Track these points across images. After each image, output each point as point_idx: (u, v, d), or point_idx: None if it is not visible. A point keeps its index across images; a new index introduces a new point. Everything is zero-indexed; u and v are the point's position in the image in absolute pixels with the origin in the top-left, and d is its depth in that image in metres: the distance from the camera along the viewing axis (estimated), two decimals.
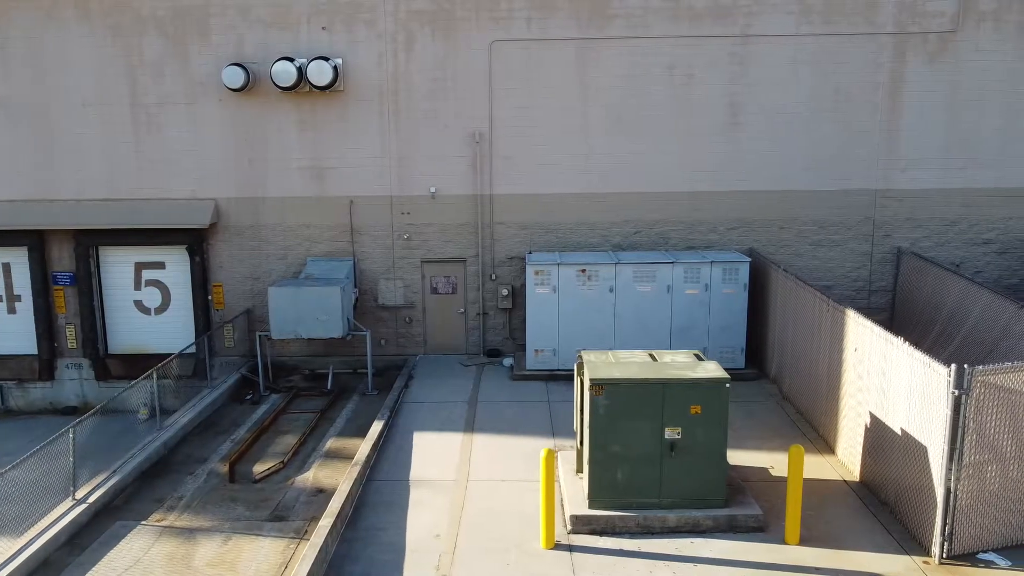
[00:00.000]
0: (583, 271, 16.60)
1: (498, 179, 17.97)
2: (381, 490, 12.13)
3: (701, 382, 10.57)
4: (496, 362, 18.12)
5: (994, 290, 15.56)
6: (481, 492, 12.00)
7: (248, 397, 16.94)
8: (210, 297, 18.52)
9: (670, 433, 10.67)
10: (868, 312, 17.99)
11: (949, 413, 9.59)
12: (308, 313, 16.22)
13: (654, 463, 10.74)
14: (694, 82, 17.52)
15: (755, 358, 17.42)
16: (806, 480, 12.24)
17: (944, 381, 9.64)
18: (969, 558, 9.96)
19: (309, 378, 18.04)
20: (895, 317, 18.05)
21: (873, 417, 11.68)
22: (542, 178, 17.93)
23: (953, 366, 9.54)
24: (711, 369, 10.90)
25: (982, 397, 9.64)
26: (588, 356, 11.79)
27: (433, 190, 18.01)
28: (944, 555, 9.93)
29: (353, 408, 16.18)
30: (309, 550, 9.86)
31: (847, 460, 12.64)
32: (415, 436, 14.13)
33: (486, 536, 10.73)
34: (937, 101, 17.45)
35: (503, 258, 18.29)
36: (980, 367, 9.60)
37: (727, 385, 10.60)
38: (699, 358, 11.62)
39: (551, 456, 10.31)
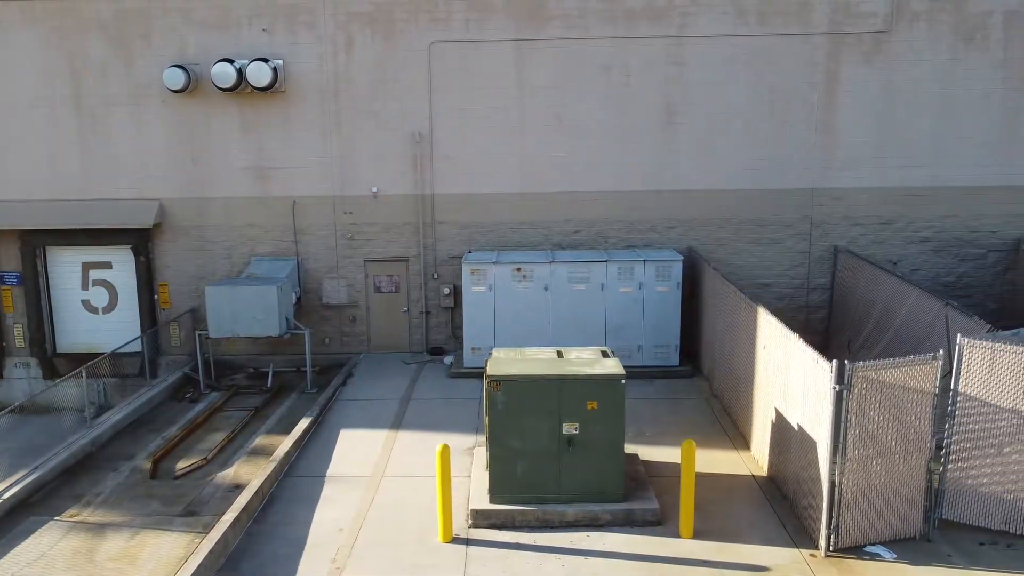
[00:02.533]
0: (518, 270, 16.77)
1: (439, 179, 18.14)
2: (296, 486, 12.30)
3: (597, 378, 10.74)
4: (438, 360, 18.29)
5: (922, 288, 15.73)
6: (394, 487, 12.17)
7: (188, 395, 17.11)
8: (156, 296, 18.71)
9: (568, 428, 10.84)
10: (807, 309, 18.24)
11: (831, 408, 9.76)
12: (245, 312, 16.39)
13: (553, 458, 10.90)
14: (631, 82, 17.68)
15: (691, 355, 17.59)
16: (718, 476, 12.44)
17: (827, 376, 9.81)
18: (856, 551, 10.12)
19: (253, 376, 18.22)
20: (833, 314, 18.21)
21: (778, 413, 11.85)
22: (483, 178, 18.10)
23: (835, 362, 9.71)
24: (610, 366, 11.07)
25: (864, 392, 9.81)
26: (497, 353, 11.97)
27: (375, 190, 18.18)
28: (831, 548, 10.09)
29: (289, 406, 16.36)
30: (206, 543, 10.04)
31: (758, 456, 12.82)
32: (341, 433, 14.31)
33: (389, 530, 10.90)
34: (872, 100, 17.60)
35: (445, 257, 18.46)
36: (861, 363, 9.77)
37: (623, 381, 10.77)
38: (605, 355, 11.79)
39: (446, 451, 10.49)
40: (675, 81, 17.66)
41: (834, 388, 9.69)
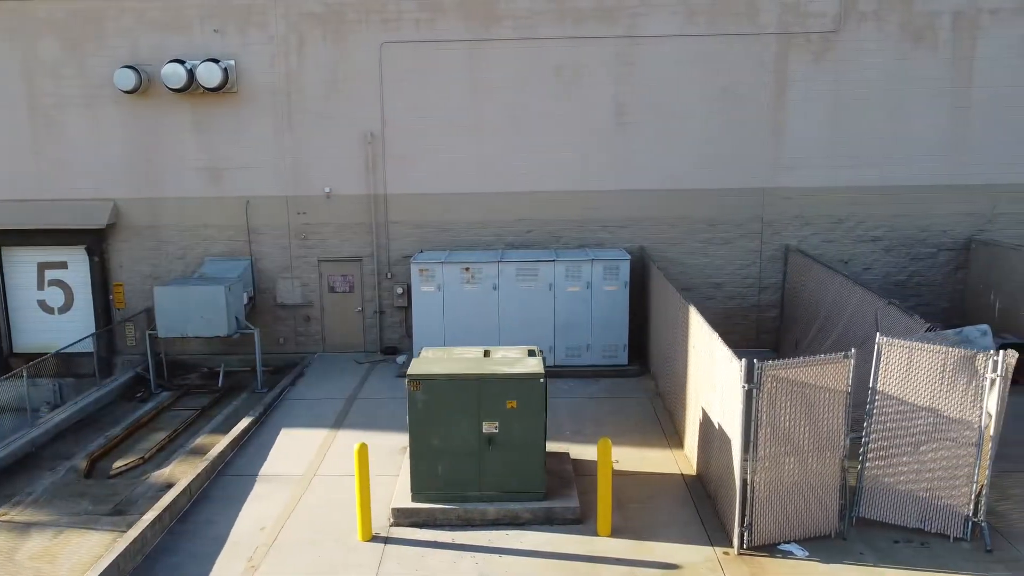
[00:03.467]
0: (467, 269, 16.83)
1: (392, 179, 18.19)
2: (227, 484, 12.35)
3: (516, 377, 10.79)
4: (391, 360, 18.34)
5: (870, 287, 15.78)
6: (325, 486, 12.22)
7: (139, 395, 17.17)
8: (111, 296, 18.76)
9: (488, 427, 10.89)
10: (759, 308, 18.30)
11: (741, 406, 9.81)
12: (194, 312, 16.44)
13: (474, 457, 10.95)
14: (582, 82, 17.73)
15: (642, 355, 17.64)
16: (649, 474, 12.50)
17: (738, 375, 9.86)
18: (769, 549, 10.17)
19: (207, 376, 18.27)
20: (784, 313, 18.26)
21: (703, 412, 11.90)
22: (436, 178, 18.16)
23: (743, 360, 9.76)
24: (531, 365, 11.12)
25: (774, 391, 9.86)
26: (425, 353, 12.02)
27: (328, 190, 18.23)
28: (744, 546, 10.14)
29: (237, 406, 16.41)
30: (121, 542, 10.08)
31: (691, 454, 12.87)
32: (282, 432, 14.36)
33: (311, 529, 10.95)
34: (822, 100, 17.66)
35: (398, 257, 18.50)
36: (770, 362, 9.82)
37: (542, 381, 10.81)
38: (531, 354, 11.84)
39: (364, 450, 10.54)
40: (626, 81, 17.71)
41: (743, 387, 9.74)
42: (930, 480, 10.53)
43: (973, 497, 10.33)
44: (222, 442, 13.38)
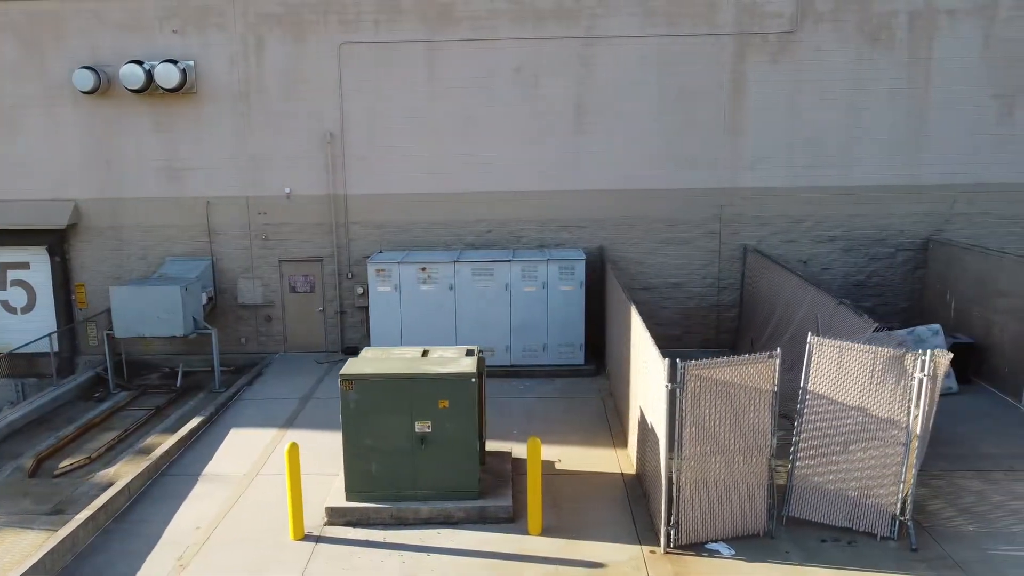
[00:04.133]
0: (423, 269, 16.87)
1: (352, 179, 18.24)
2: (169, 484, 12.40)
3: (447, 377, 10.83)
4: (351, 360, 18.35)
5: (828, 286, 15.84)
6: (266, 486, 12.26)
7: (96, 395, 17.21)
8: (73, 296, 18.80)
9: (420, 427, 10.93)
10: (718, 308, 18.35)
11: (665, 405, 9.86)
12: (150, 312, 16.49)
13: (407, 456, 10.99)
14: (541, 83, 17.78)
15: (600, 354, 17.68)
16: (590, 473, 12.54)
17: (662, 374, 9.90)
18: (696, 548, 10.21)
19: (167, 376, 18.31)
20: (743, 312, 18.30)
21: (641, 411, 11.95)
22: (396, 178, 18.20)
23: (667, 360, 9.81)
24: (464, 364, 11.16)
25: (698, 390, 9.90)
26: (365, 353, 12.07)
27: (288, 190, 18.28)
28: (671, 545, 10.18)
29: (193, 405, 16.44)
30: (51, 541, 10.13)
31: (632, 454, 12.91)
32: (231, 431, 14.41)
33: (246, 528, 10.99)
34: (781, 101, 17.70)
35: (359, 257, 18.55)
36: (694, 361, 9.86)
37: (473, 380, 10.85)
38: (469, 353, 11.88)
39: (294, 450, 10.59)
40: (585, 82, 17.76)
41: (666, 386, 9.78)
42: (859, 479, 10.57)
43: (900, 496, 10.38)
44: (168, 442, 13.43)
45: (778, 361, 10.13)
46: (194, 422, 14.35)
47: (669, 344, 18.55)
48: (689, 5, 17.37)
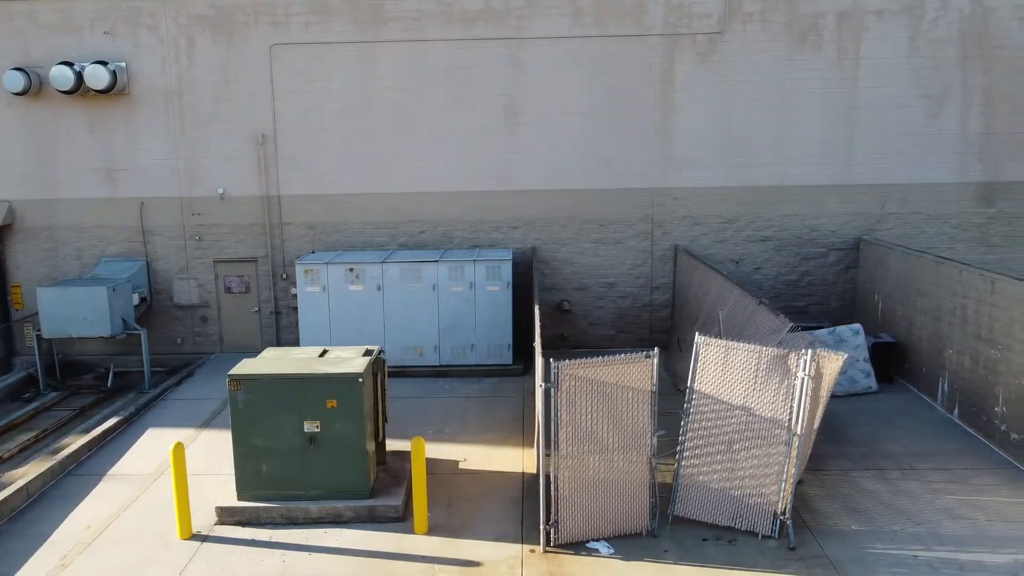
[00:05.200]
0: (351, 270, 16.92)
1: (285, 180, 18.29)
2: (72, 484, 12.44)
3: (334, 377, 10.89)
4: None
5: (744, 287, 15.84)
6: (170, 485, 12.27)
7: (26, 395, 17.26)
8: (9, 297, 18.85)
9: (309, 426, 10.98)
10: (651, 308, 18.41)
11: (541, 405, 9.91)
12: (77, 313, 16.54)
13: (297, 455, 11.04)
14: (472, 84, 17.83)
15: (530, 354, 17.72)
16: (492, 472, 12.59)
17: (539, 374, 9.96)
18: (577, 547, 10.27)
19: (101, 376, 18.35)
20: (675, 311, 18.36)
21: (536, 412, 11.99)
22: (329, 179, 18.26)
23: (540, 360, 9.86)
24: (355, 365, 11.21)
25: (573, 390, 9.96)
26: (265, 353, 12.12)
27: (221, 191, 18.33)
28: (551, 544, 10.23)
29: (119, 406, 16.46)
30: None
31: (536, 453, 12.96)
32: (148, 431, 14.46)
33: (137, 528, 11.04)
34: (710, 101, 17.75)
35: (293, 258, 18.59)
36: (568, 361, 9.92)
37: (360, 380, 10.90)
38: (368, 353, 11.92)
39: (179, 449, 10.64)
40: (515, 83, 17.81)
41: (540, 385, 9.84)
42: (742, 478, 10.63)
43: (782, 495, 10.43)
44: (78, 442, 13.47)
45: (655, 361, 10.19)
46: (110, 422, 14.40)
47: (603, 344, 18.65)
48: (617, 6, 17.42)
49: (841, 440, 13.53)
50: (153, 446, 13.81)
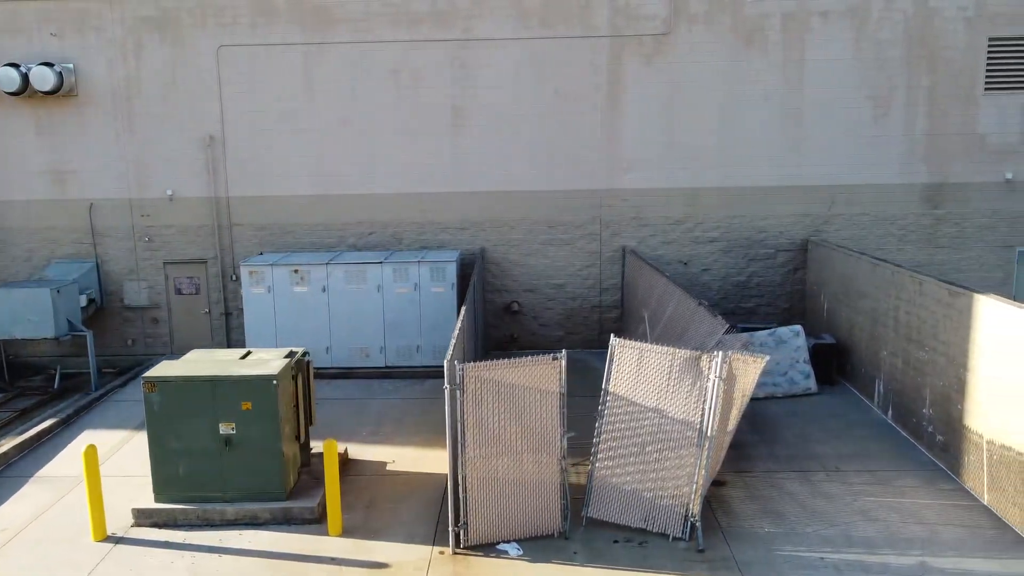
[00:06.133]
0: (296, 271, 16.93)
1: (234, 181, 18.30)
2: None
3: (248, 379, 10.90)
4: None
5: (688, 288, 15.90)
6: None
7: None
8: None
9: (224, 428, 10.99)
10: (600, 309, 18.42)
11: (448, 407, 9.92)
12: (21, 314, 16.55)
13: (213, 457, 11.05)
14: (419, 85, 17.84)
15: (478, 356, 17.74)
16: (418, 474, 12.59)
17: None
18: (486, 548, 10.27)
19: (51, 378, 18.34)
20: (624, 312, 18.37)
21: None
22: (277, 180, 18.27)
23: (446, 362, 9.87)
24: (271, 367, 11.21)
25: (479, 392, 9.97)
26: (189, 356, 12.13)
27: (170, 192, 18.34)
28: (460, 545, 10.25)
29: (63, 407, 16.47)
30: None
31: None
32: (84, 433, 14.46)
33: (53, 530, 11.04)
34: (657, 102, 17.77)
35: (243, 259, 18.59)
36: (472, 363, 9.93)
37: (274, 383, 10.91)
38: (291, 355, 11.92)
39: (91, 451, 10.65)
40: (462, 84, 17.82)
41: (446, 387, 9.85)
42: (655, 480, 10.64)
43: (693, 497, 10.45)
44: (7, 444, 13.47)
45: (563, 363, 10.20)
46: (46, 423, 14.41)
47: (553, 345, 18.66)
48: (564, 7, 17.44)
49: (772, 441, 13.55)
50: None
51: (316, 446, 13.25)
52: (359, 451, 13.42)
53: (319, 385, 16.72)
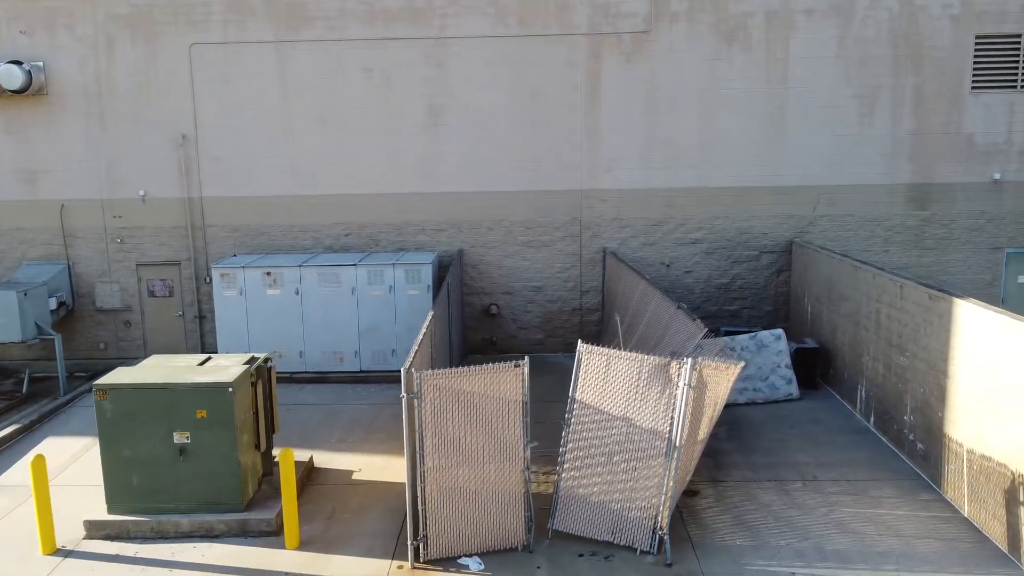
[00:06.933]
0: (268, 274, 16.59)
1: (207, 181, 17.95)
2: None
3: (203, 387, 10.56)
4: None
5: (667, 291, 15.55)
6: (55, 497, 11.95)
7: None
8: None
9: (179, 437, 10.65)
10: (581, 312, 18.07)
11: (405, 416, 9.58)
12: None
13: (167, 467, 10.71)
14: (393, 83, 17.50)
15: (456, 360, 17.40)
16: (384, 483, 12.25)
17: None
18: (447, 562, 9.93)
19: (27, 382, 17.98)
20: (605, 315, 18.03)
21: None
22: (251, 180, 17.93)
23: (403, 369, 9.53)
24: (228, 374, 10.87)
25: (438, 400, 9.63)
26: (147, 361, 11.78)
27: (142, 193, 18.00)
28: (420, 559, 9.90)
29: (30, 412, 16.13)
30: None
31: None
32: (47, 440, 14.13)
33: (1, 541, 10.71)
34: (636, 101, 17.42)
35: (216, 261, 18.26)
36: (431, 371, 9.59)
37: (230, 390, 10.57)
38: (251, 361, 11.58)
39: (39, 462, 10.30)
40: (438, 82, 17.47)
41: (403, 396, 9.51)
42: (622, 491, 10.31)
43: (662, 509, 10.11)
44: None
45: (525, 370, 9.86)
46: (7, 430, 14.07)
47: (533, 349, 18.33)
48: (541, 5, 17.09)
49: (749, 449, 13.21)
50: (47, 455, 13.45)
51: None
52: (326, 459, 13.08)
53: (292, 390, 16.39)
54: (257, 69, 17.50)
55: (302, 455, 12.76)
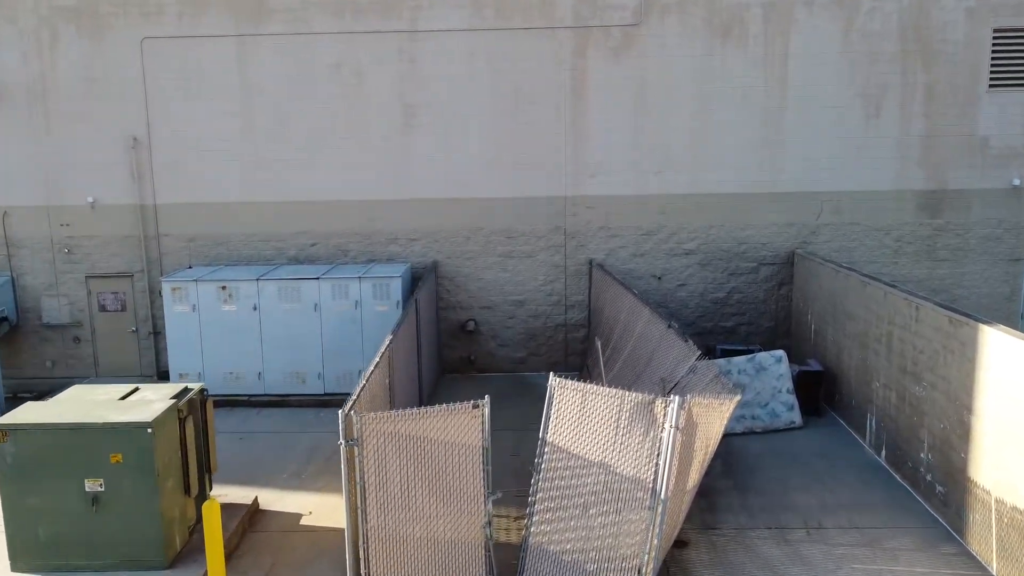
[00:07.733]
0: (223, 288, 15.24)
1: (161, 187, 16.60)
2: None
3: (119, 427, 9.20)
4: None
5: (659, 307, 14.24)
6: None
7: None
8: None
9: (91, 485, 9.30)
10: (566, 328, 16.75)
11: (344, 467, 8.23)
12: None
13: (79, 519, 9.37)
14: (363, 81, 16.15)
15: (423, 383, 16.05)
16: (334, 529, 10.90)
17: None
18: None
19: None
20: (591, 332, 16.67)
21: None
22: (209, 186, 16.58)
23: (340, 411, 8.17)
24: (147, 412, 9.50)
25: (383, 448, 8.28)
26: (63, 394, 10.44)
27: (91, 199, 16.65)
28: None
29: None
30: None
31: None
32: None
33: None
34: (625, 101, 16.07)
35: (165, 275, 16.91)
36: (373, 414, 8.24)
37: (149, 431, 9.21)
38: (182, 393, 10.23)
39: None
40: (411, 80, 16.13)
41: (340, 443, 8.16)
42: (599, 549, 8.94)
43: (644, 570, 8.75)
44: None
45: (486, 411, 8.51)
46: None
47: (514, 368, 17.00)
48: None
49: (746, 489, 11.85)
50: None
51: (227, 493, 11.61)
52: (274, 498, 11.72)
53: (248, 415, 15.04)
54: (215, 65, 16.15)
55: (246, 495, 11.43)
